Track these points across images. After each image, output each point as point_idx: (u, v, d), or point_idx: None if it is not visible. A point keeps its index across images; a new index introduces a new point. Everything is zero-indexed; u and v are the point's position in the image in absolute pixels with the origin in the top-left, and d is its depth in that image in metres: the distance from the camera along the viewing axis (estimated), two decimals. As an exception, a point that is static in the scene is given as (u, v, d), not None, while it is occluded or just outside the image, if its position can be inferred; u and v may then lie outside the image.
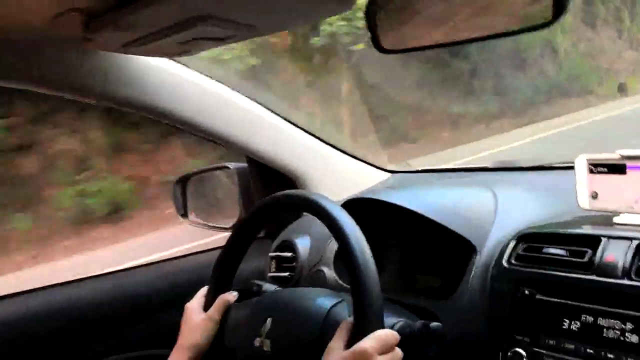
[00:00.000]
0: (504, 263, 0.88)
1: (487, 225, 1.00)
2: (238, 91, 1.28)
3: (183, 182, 1.58)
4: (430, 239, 1.10)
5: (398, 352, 0.78)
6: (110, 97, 1.09)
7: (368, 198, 1.11)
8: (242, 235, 1.01)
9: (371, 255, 0.82)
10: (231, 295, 1.00)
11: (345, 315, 0.87)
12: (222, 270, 1.01)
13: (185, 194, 1.58)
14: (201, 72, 1.22)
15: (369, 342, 0.75)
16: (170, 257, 1.45)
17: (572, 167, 0.95)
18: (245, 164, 1.47)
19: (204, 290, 1.02)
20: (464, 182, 1.30)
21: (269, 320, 0.92)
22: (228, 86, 1.26)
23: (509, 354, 0.82)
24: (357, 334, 0.78)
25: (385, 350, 0.76)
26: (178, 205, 1.59)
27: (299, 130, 1.38)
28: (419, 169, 1.59)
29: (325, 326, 0.87)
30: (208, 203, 1.61)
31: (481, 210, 1.04)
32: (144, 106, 1.14)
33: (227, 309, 0.99)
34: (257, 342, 0.92)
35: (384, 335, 0.77)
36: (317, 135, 1.42)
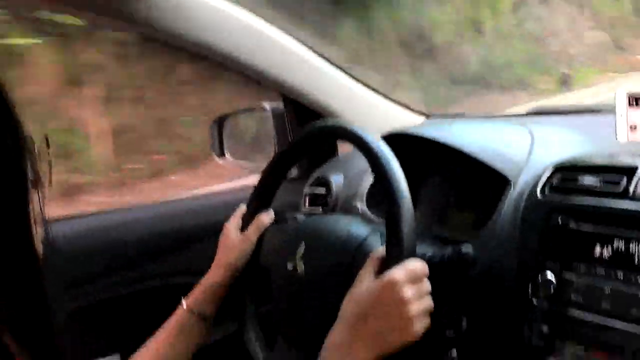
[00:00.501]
0: (538, 193, 0.89)
1: (522, 159, 1.00)
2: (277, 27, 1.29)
3: (220, 122, 1.61)
4: (465, 175, 1.11)
5: (427, 283, 0.80)
6: (154, 28, 1.12)
7: (401, 133, 1.11)
8: (283, 160, 1.03)
9: (407, 186, 0.84)
10: (268, 217, 1.03)
11: (378, 245, 0.89)
12: (261, 192, 1.04)
13: (221, 134, 1.61)
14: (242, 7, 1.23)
15: (398, 272, 0.77)
16: (211, 192, 1.49)
17: (611, 110, 0.95)
18: (281, 105, 1.49)
19: (242, 210, 1.06)
20: (500, 121, 1.29)
21: (302, 244, 0.95)
22: (267, 21, 1.27)
23: (538, 280, 0.83)
24: (387, 263, 0.80)
25: (415, 280, 0.78)
26: (215, 145, 1.62)
27: (336, 68, 1.39)
28: (459, 113, 1.59)
29: (358, 254, 0.89)
30: (244, 143, 1.64)
31: (517, 145, 1.04)
32: (184, 38, 1.17)
33: (264, 230, 1.02)
34: (290, 264, 0.95)
35: (414, 265, 0.78)
36: (353, 75, 1.42)
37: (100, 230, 1.26)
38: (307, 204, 1.33)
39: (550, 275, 0.82)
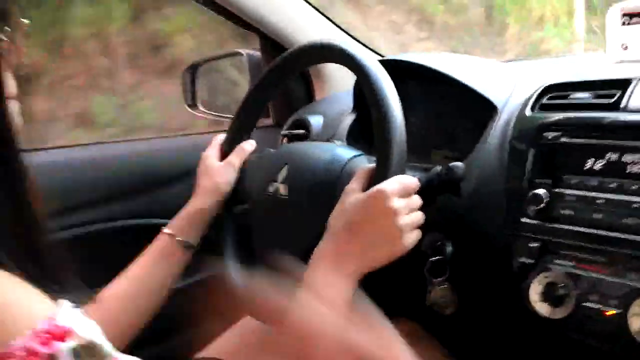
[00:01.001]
0: (527, 112, 0.87)
1: (508, 87, 0.98)
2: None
3: (192, 69, 1.55)
4: (448, 110, 1.09)
5: (417, 198, 0.77)
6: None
7: (383, 60, 1.08)
8: (268, 81, 0.98)
9: (399, 103, 0.80)
10: (249, 144, 0.99)
11: (365, 164, 0.86)
12: (242, 119, 1.00)
13: (194, 83, 1.56)
14: None
15: (388, 184, 0.74)
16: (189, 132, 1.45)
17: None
18: (257, 51, 1.44)
19: (220, 139, 1.01)
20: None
21: (285, 167, 0.91)
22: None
23: (529, 196, 0.81)
24: (376, 178, 0.77)
25: (405, 194, 0.74)
26: (187, 94, 1.56)
27: (315, 11, 1.35)
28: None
29: (344, 173, 0.86)
30: (218, 92, 1.59)
31: (503, 74, 1.03)
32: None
33: (245, 159, 0.98)
34: (272, 187, 0.91)
35: (404, 179, 0.75)
36: (331, 19, 1.39)
37: (79, 164, 1.20)
38: (284, 147, 1.30)
39: (540, 191, 0.80)
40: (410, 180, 0.76)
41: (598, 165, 0.77)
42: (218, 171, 0.97)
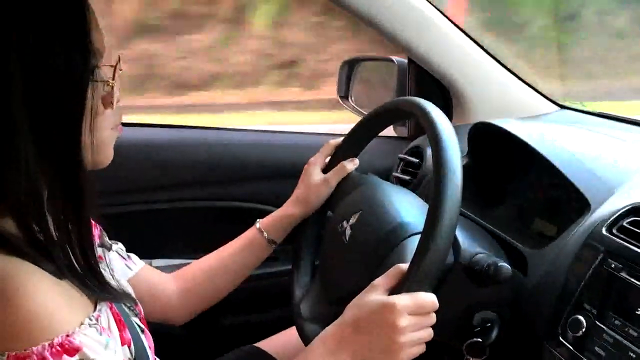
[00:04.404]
0: (603, 229, 0.81)
1: (614, 185, 0.91)
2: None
3: (350, 64, 1.62)
4: (551, 184, 1.04)
5: (432, 317, 0.75)
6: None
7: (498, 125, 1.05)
8: (375, 121, 1.04)
9: (459, 201, 0.76)
10: (352, 164, 1.04)
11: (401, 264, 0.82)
12: (352, 139, 1.06)
13: (349, 77, 1.63)
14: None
15: (404, 299, 0.73)
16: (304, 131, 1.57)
17: None
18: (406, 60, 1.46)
19: (328, 148, 1.07)
20: (625, 136, 1.16)
21: (359, 213, 0.95)
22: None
23: (570, 319, 0.78)
24: (402, 284, 0.75)
25: (417, 312, 0.74)
26: (341, 86, 1.64)
27: (468, 39, 1.32)
28: (595, 111, 1.44)
29: (399, 248, 0.86)
30: (367, 91, 1.64)
31: (616, 171, 0.95)
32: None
33: (344, 176, 1.04)
34: (342, 225, 0.96)
35: (424, 298, 0.74)
36: (485, 48, 1.34)
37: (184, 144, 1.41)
38: (399, 169, 1.33)
39: (582, 319, 0.76)
40: (430, 300, 0.74)
41: (647, 317, 0.71)
42: (315, 185, 1.04)
